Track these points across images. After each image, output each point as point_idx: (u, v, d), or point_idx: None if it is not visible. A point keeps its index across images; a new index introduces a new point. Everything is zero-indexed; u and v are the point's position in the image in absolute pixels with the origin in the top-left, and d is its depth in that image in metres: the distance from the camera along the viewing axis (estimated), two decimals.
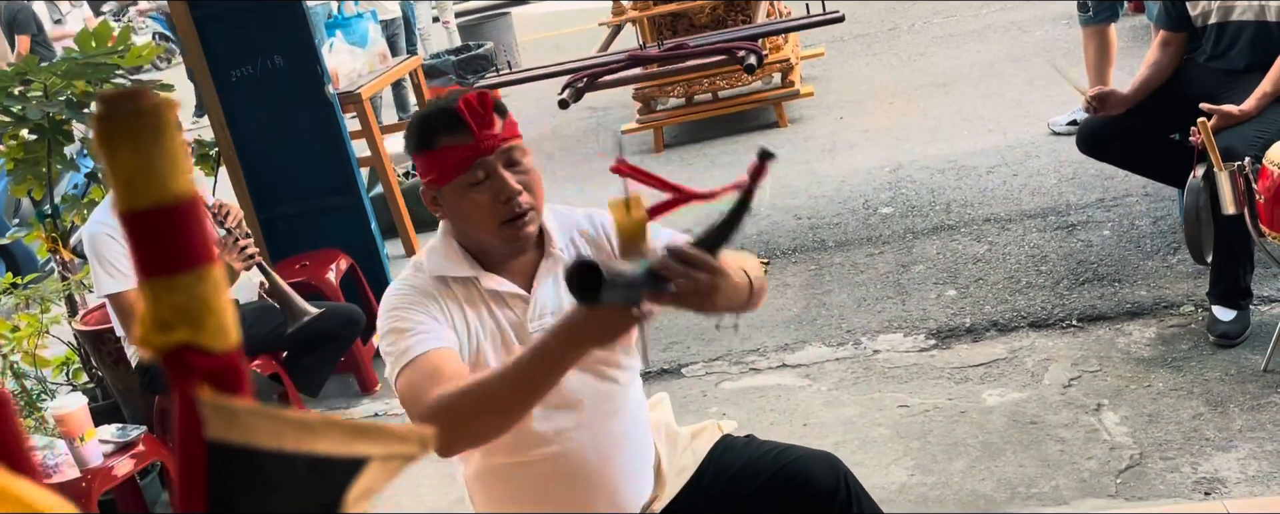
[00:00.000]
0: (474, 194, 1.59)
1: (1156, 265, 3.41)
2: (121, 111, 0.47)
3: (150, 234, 0.48)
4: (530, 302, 1.69)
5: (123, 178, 0.47)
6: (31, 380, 3.38)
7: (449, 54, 7.25)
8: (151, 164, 0.47)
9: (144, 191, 0.47)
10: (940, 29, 7.18)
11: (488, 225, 1.61)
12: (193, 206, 0.49)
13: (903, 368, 3.19)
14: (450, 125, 1.58)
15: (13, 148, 3.68)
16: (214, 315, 0.50)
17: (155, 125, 0.47)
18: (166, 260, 0.48)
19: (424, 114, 1.65)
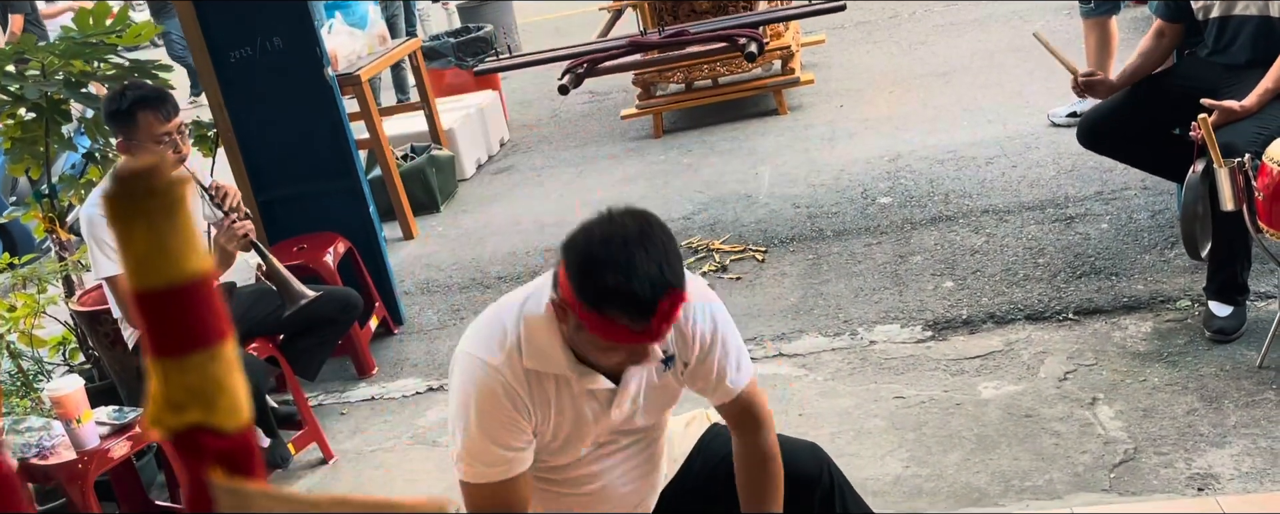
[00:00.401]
0: (612, 353, 1.57)
1: (1154, 259, 3.42)
2: (135, 190, 0.46)
3: (162, 314, 0.47)
4: (618, 394, 1.71)
5: (135, 256, 0.46)
6: (28, 360, 3.38)
7: (448, 36, 7.22)
8: (165, 243, 0.46)
9: (157, 271, 0.46)
10: (941, 17, 7.16)
11: (601, 359, 1.61)
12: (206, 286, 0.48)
13: (899, 359, 3.20)
14: (633, 315, 1.47)
15: (10, 127, 3.66)
16: (226, 395, 0.49)
17: (168, 204, 0.46)
18: (179, 340, 0.47)
19: (608, 287, 1.46)
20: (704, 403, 3.08)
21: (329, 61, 4.14)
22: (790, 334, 3.48)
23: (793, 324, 3.54)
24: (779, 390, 3.18)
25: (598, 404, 1.71)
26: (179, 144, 3.05)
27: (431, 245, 5.02)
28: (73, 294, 3.62)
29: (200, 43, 4.07)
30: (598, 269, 1.47)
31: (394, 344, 4.05)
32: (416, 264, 4.80)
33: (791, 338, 3.46)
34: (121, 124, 3.01)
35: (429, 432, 3.41)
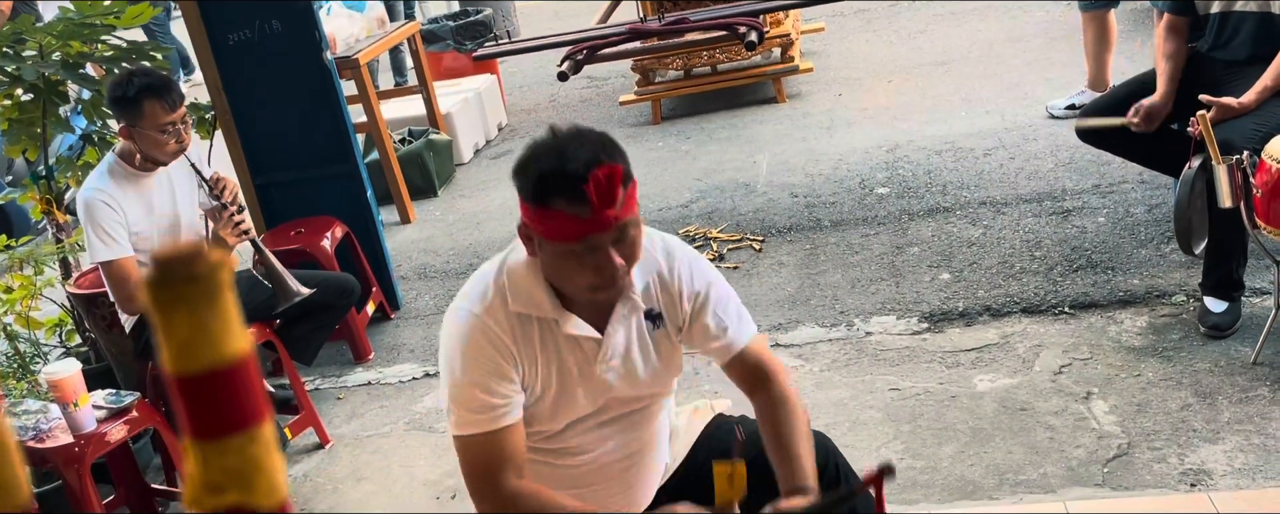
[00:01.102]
0: (576, 262, 1.56)
1: (1150, 254, 3.43)
2: (176, 277, 0.46)
3: (203, 398, 0.47)
4: (602, 345, 1.70)
5: (176, 342, 0.46)
6: (25, 342, 3.38)
7: (447, 19, 7.19)
8: (206, 328, 0.46)
9: (197, 356, 0.46)
10: (941, 6, 7.14)
11: (579, 288, 1.61)
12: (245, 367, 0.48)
13: (895, 351, 3.21)
14: (571, 195, 1.49)
15: (7, 108, 3.65)
16: (265, 476, 0.49)
17: (210, 291, 0.46)
18: (218, 423, 0.47)
19: (543, 171, 1.52)
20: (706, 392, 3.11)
21: (328, 45, 4.13)
22: (787, 324, 3.49)
23: (789, 314, 3.55)
24: None
25: (583, 357, 1.69)
26: (181, 134, 3.04)
27: (429, 230, 5.02)
28: (70, 276, 3.61)
29: (199, 25, 4.05)
30: (534, 164, 1.53)
31: (391, 329, 4.05)
32: (413, 249, 4.80)
33: (788, 328, 3.47)
34: (126, 111, 3.00)
35: (426, 417, 3.42)
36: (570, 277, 1.59)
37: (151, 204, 3.11)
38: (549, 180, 1.50)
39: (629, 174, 1.54)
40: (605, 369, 1.71)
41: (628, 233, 1.57)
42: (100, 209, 3.00)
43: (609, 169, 1.49)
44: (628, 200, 1.54)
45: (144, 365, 3.22)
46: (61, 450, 2.73)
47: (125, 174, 3.08)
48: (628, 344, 1.73)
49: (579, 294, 1.63)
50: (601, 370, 1.71)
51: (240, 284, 3.31)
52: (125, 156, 3.10)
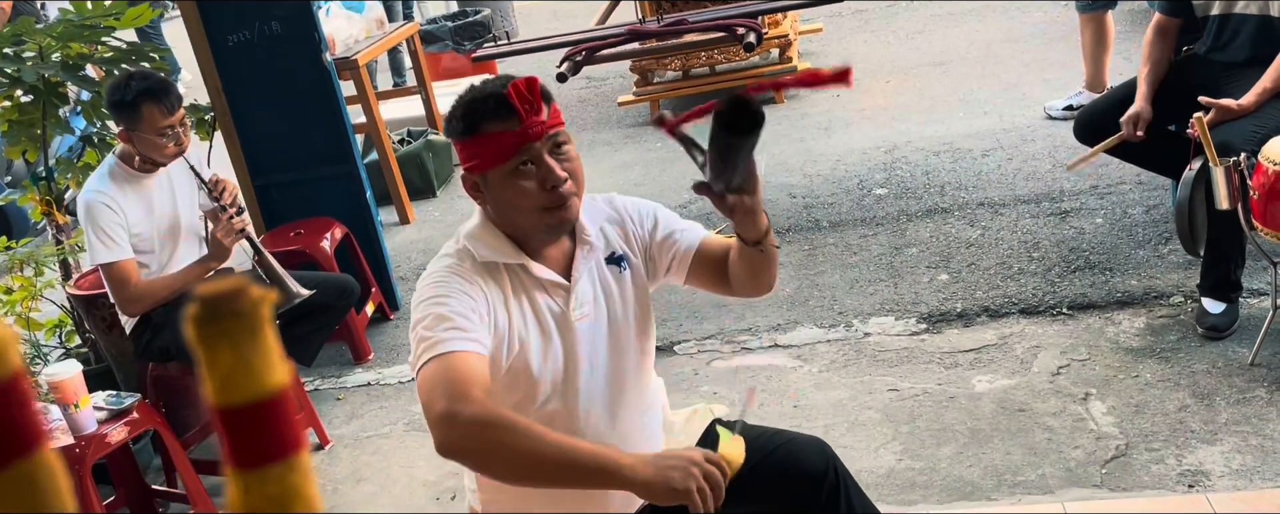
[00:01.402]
0: (519, 180, 1.60)
1: (1148, 255, 3.44)
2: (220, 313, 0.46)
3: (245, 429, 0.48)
4: (571, 291, 1.71)
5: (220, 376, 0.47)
6: (25, 344, 3.38)
7: (446, 20, 7.19)
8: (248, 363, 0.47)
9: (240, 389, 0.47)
10: (938, 7, 7.15)
11: (531, 210, 1.63)
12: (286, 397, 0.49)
13: (893, 351, 3.22)
14: (497, 111, 1.58)
15: (7, 110, 3.65)
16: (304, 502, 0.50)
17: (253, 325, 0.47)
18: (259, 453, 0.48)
19: (469, 99, 1.64)
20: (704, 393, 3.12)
21: (327, 46, 4.13)
22: (786, 325, 3.50)
23: (788, 315, 3.56)
24: (774, 381, 3.20)
25: (555, 303, 1.70)
26: (180, 137, 3.05)
27: (428, 230, 5.03)
28: (70, 278, 3.62)
29: (198, 27, 4.06)
30: (459, 106, 1.63)
31: (390, 330, 4.06)
32: (412, 249, 4.81)
33: (787, 329, 3.48)
34: (125, 115, 3.01)
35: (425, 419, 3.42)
36: (520, 201, 1.61)
37: (151, 206, 3.12)
38: (474, 106, 1.60)
39: (547, 91, 1.63)
40: (579, 315, 1.71)
41: (562, 144, 1.63)
42: (100, 211, 3.01)
43: (526, 80, 1.58)
44: (553, 113, 1.62)
45: (144, 366, 3.23)
46: (62, 452, 2.73)
47: (125, 176, 3.09)
48: (595, 289, 1.74)
49: (534, 223, 1.64)
50: (576, 316, 1.70)
51: None
52: (125, 159, 3.10)
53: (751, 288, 1.81)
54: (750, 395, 1.73)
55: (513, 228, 1.69)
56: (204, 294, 0.46)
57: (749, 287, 1.81)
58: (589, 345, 1.73)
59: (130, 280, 3.02)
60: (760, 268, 1.75)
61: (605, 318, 1.75)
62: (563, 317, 1.71)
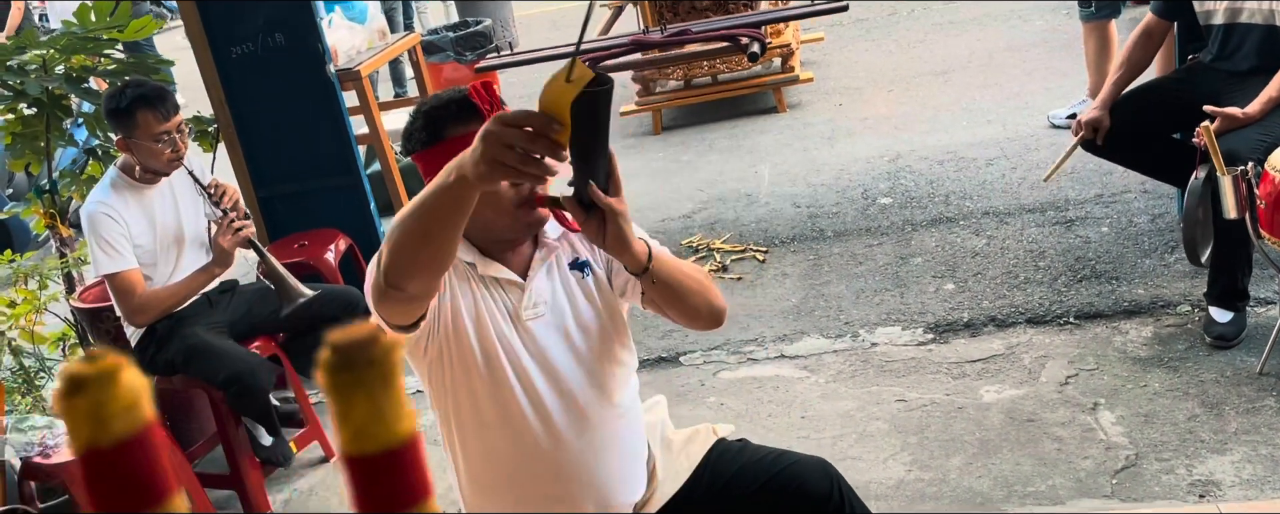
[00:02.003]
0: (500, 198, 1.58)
1: (1154, 264, 3.44)
2: (355, 362, 0.46)
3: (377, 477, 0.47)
4: (525, 290, 1.70)
5: (353, 427, 0.46)
6: (30, 357, 3.37)
7: (447, 30, 7.20)
8: (382, 411, 0.46)
9: (373, 438, 0.46)
10: (940, 15, 7.16)
11: (506, 210, 1.61)
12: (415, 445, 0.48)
13: (901, 361, 3.21)
14: (460, 114, 1.59)
15: (11, 122, 3.65)
16: None
17: (387, 373, 0.46)
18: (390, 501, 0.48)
19: (427, 109, 1.64)
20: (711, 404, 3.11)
21: (331, 58, 4.13)
22: (792, 335, 3.49)
23: (794, 325, 3.55)
24: (781, 392, 3.19)
25: (507, 299, 1.68)
26: (177, 143, 3.05)
27: None
28: (73, 290, 3.61)
29: (201, 38, 4.06)
30: (418, 117, 1.65)
31: None
32: None
33: (793, 339, 3.47)
34: (121, 122, 3.01)
35: (428, 431, 3.40)
36: (495, 200, 1.57)
37: (154, 216, 3.12)
38: (435, 113, 1.61)
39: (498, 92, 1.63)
40: (532, 315, 1.68)
41: None
42: (103, 221, 3.00)
43: (482, 82, 1.59)
44: None
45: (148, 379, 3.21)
46: (68, 468, 2.72)
47: (128, 186, 3.08)
48: (553, 292, 1.71)
49: (508, 223, 1.62)
50: (528, 316, 1.68)
51: (246, 297, 3.33)
52: (127, 169, 3.10)
53: (688, 322, 1.70)
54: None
55: (478, 229, 1.65)
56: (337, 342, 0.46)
57: (685, 321, 1.70)
58: (545, 343, 1.70)
59: (135, 290, 3.01)
60: (672, 300, 1.61)
61: (566, 320, 1.72)
62: (515, 312, 1.69)
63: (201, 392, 3.18)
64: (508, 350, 1.69)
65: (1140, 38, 3.23)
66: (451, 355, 1.68)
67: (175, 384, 3.18)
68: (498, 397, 1.70)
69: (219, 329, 3.14)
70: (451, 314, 1.66)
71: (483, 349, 1.68)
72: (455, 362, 1.69)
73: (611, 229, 1.45)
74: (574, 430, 1.74)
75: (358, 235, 4.09)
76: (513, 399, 1.70)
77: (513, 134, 1.23)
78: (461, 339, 1.67)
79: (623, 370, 1.80)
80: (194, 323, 3.10)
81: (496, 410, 1.71)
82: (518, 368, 1.70)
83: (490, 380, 1.70)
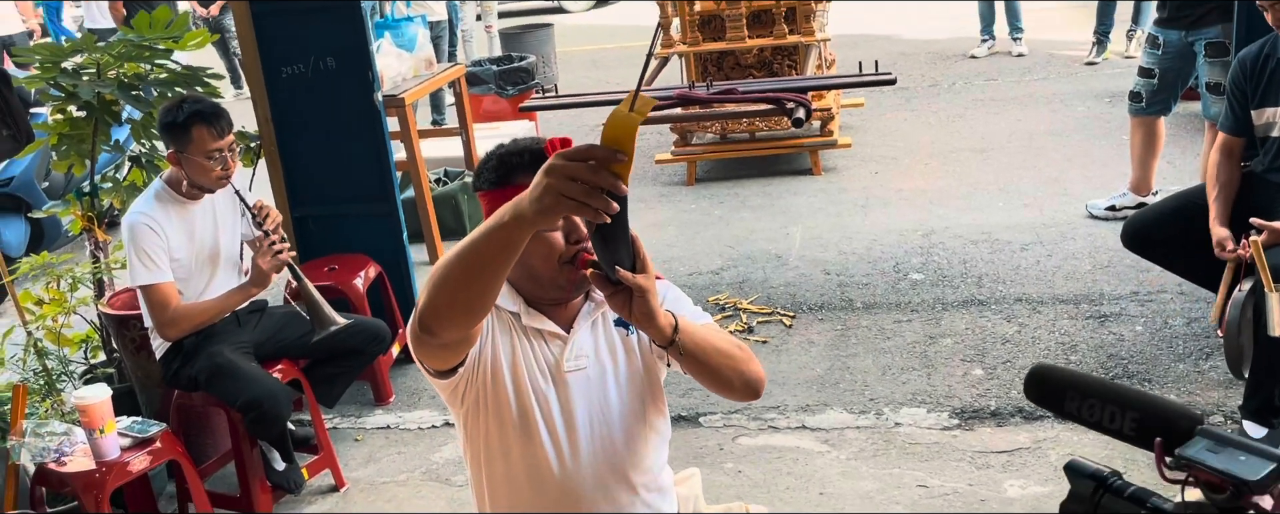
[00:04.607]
0: (547, 232, 1.61)
1: (1188, 369, 3.40)
2: None
3: None
4: (568, 342, 1.70)
5: None
6: (53, 360, 3.36)
7: (491, 63, 7.25)
8: None
9: None
10: (981, 92, 7.18)
11: (554, 263, 1.62)
12: None
13: (924, 445, 3.17)
14: (533, 164, 1.56)
15: (59, 123, 3.68)
16: None
17: None
18: None
19: (503, 153, 1.65)
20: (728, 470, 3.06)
21: (380, 86, 4.16)
22: (815, 406, 3.46)
23: (817, 396, 3.52)
24: (801, 465, 3.15)
25: (550, 351, 1.69)
26: (228, 161, 3.07)
27: None
28: (103, 295, 3.61)
29: (254, 56, 4.09)
30: (491, 158, 1.67)
31: (413, 372, 4.03)
32: None
33: (816, 411, 3.44)
34: (175, 136, 3.03)
35: (443, 468, 3.38)
36: (544, 254, 1.61)
37: (193, 231, 3.12)
38: (509, 158, 1.63)
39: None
40: (573, 366, 1.69)
41: None
42: (144, 233, 3.01)
43: (561, 138, 1.55)
44: None
45: (169, 393, 3.20)
46: (83, 476, 2.71)
47: (172, 200, 3.09)
48: (596, 346, 1.71)
49: (553, 277, 1.64)
50: (568, 367, 1.68)
51: (275, 319, 3.32)
52: (173, 183, 3.11)
53: (722, 392, 1.69)
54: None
55: (522, 282, 1.68)
56: None
57: (719, 391, 1.69)
58: (583, 398, 1.70)
59: (170, 303, 3.01)
60: (702, 371, 1.62)
61: (606, 376, 1.71)
62: (557, 364, 1.69)
63: (220, 410, 3.16)
64: (542, 405, 1.69)
65: (1222, 159, 3.19)
66: (487, 404, 1.68)
67: (194, 400, 3.17)
68: (528, 451, 1.70)
69: (245, 349, 3.14)
70: (491, 363, 1.67)
71: (518, 402, 1.68)
72: (490, 411, 1.69)
73: (638, 305, 1.46)
74: (600, 492, 1.73)
75: (388, 263, 4.08)
76: (543, 456, 1.70)
77: (577, 168, 1.21)
78: (499, 390, 1.67)
79: (655, 436, 1.79)
80: (221, 341, 3.10)
81: (525, 465, 1.71)
82: (550, 424, 1.70)
83: (522, 434, 1.69)
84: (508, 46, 8.16)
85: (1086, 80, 7.10)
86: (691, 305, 1.80)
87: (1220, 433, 1.02)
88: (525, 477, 1.72)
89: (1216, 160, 3.21)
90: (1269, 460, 0.96)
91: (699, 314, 1.78)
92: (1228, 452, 0.99)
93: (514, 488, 1.74)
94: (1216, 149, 3.24)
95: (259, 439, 3.12)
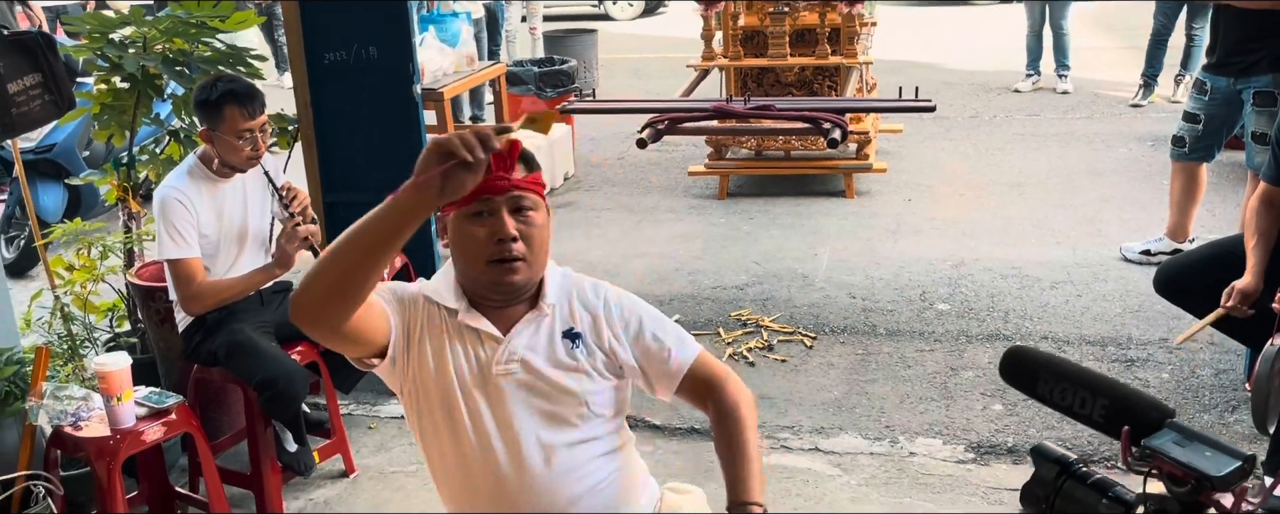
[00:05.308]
0: (472, 226, 1.64)
1: (1212, 420, 3.34)
2: None
3: None
4: (502, 343, 1.69)
5: None
6: (78, 325, 3.40)
7: (532, 64, 7.28)
8: None
9: None
10: (1021, 127, 7.13)
11: (477, 260, 1.65)
12: None
13: (938, 477, 3.14)
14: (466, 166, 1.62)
15: (102, 93, 3.72)
16: None
17: None
18: None
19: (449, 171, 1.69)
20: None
21: (420, 78, 4.18)
22: (829, 429, 3.43)
23: (833, 419, 3.49)
24: (811, 487, 3.12)
25: (483, 351, 1.69)
26: (258, 141, 3.09)
27: None
28: (132, 265, 3.64)
29: (298, 40, 4.12)
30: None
31: None
32: None
33: (830, 433, 3.41)
34: (208, 114, 3.05)
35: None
36: (468, 247, 1.65)
37: (222, 209, 3.15)
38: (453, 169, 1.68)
39: (530, 156, 1.69)
40: (502, 370, 1.68)
41: (526, 210, 1.65)
42: (174, 207, 3.03)
43: (508, 141, 1.65)
44: (530, 179, 1.67)
45: (188, 366, 3.22)
46: (97, 442, 2.72)
47: (203, 176, 3.12)
48: (532, 353, 1.70)
49: (479, 276, 1.66)
50: (498, 371, 1.67)
51: None
52: (205, 160, 3.14)
53: None
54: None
55: (466, 280, 1.71)
56: None
57: None
58: (510, 401, 1.68)
59: (194, 278, 3.03)
60: None
61: (538, 384, 1.69)
62: (487, 364, 1.68)
63: (237, 387, 3.18)
64: (469, 404, 1.69)
65: (1262, 208, 3.14)
66: (417, 395, 1.71)
67: (212, 375, 3.19)
68: (454, 447, 1.71)
69: (266, 329, 3.15)
70: (418, 357, 1.69)
71: (443, 398, 1.69)
72: (421, 402, 1.72)
73: None
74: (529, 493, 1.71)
75: (413, 255, 4.09)
76: (469, 452, 1.70)
77: (454, 135, 1.42)
78: (426, 385, 1.69)
79: (593, 446, 1.74)
80: (243, 319, 3.11)
81: (455, 459, 1.72)
82: (476, 423, 1.69)
83: (449, 430, 1.70)
84: (551, 49, 8.19)
85: (1130, 122, 7.04)
86: (670, 324, 1.78)
87: (1189, 429, 1.01)
88: (457, 469, 1.73)
89: (1256, 209, 3.15)
90: (1234, 458, 0.96)
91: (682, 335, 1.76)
92: (1194, 446, 0.99)
93: (450, 479, 1.76)
94: (1257, 198, 3.18)
95: (273, 419, 3.13)
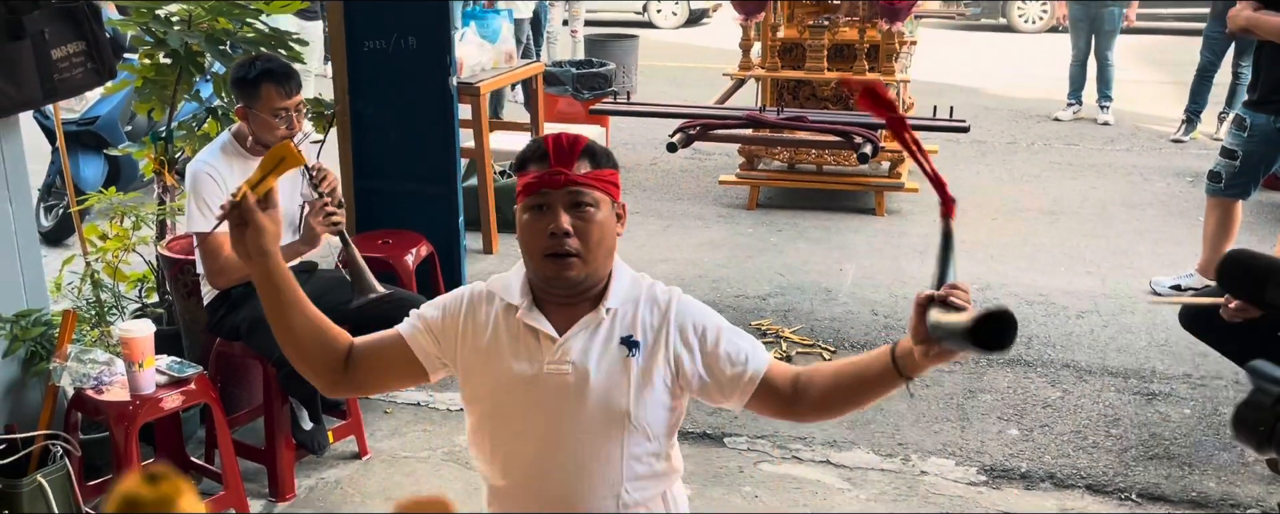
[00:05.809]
0: (530, 219, 1.65)
1: (1231, 459, 3.30)
2: None
3: None
4: (557, 344, 1.67)
5: None
6: (108, 292, 3.45)
7: (571, 65, 7.31)
8: None
9: None
10: (1059, 155, 7.07)
11: (535, 253, 1.65)
12: None
13: (948, 497, 3.11)
14: (536, 156, 1.67)
15: (145, 67, 3.78)
16: None
17: None
18: None
19: (526, 146, 1.73)
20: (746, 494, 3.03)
21: (456, 70, 4.21)
22: (842, 443, 3.42)
23: (846, 433, 3.48)
24: (819, 499, 3.11)
25: (538, 349, 1.67)
26: (293, 121, 3.12)
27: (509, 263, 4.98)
28: (163, 237, 3.69)
29: (340, 27, 4.18)
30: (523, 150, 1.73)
31: None
32: None
33: (843, 447, 3.39)
34: (244, 91, 3.09)
35: (465, 451, 3.39)
36: (527, 240, 1.67)
37: None
38: (526, 149, 1.72)
39: (599, 152, 1.69)
40: (553, 368, 1.65)
41: (584, 205, 1.64)
42: (205, 182, 3.07)
43: (572, 136, 1.66)
44: (593, 175, 1.65)
45: (211, 339, 3.26)
46: (116, 406, 2.76)
47: (236, 153, 3.16)
48: (586, 356, 1.66)
49: (536, 269, 1.67)
50: (549, 370, 1.65)
51: (322, 282, 3.36)
52: (239, 137, 3.17)
53: (832, 412, 1.77)
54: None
55: (530, 274, 1.71)
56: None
57: (831, 411, 1.75)
58: (557, 405, 1.66)
59: (221, 252, 3.07)
60: (870, 399, 1.76)
61: (589, 389, 1.66)
62: (540, 364, 1.67)
63: (257, 362, 3.21)
64: (517, 400, 1.68)
65: None
66: (469, 385, 1.72)
67: (234, 350, 3.23)
68: (502, 438, 1.72)
69: None
70: (466, 357, 1.70)
71: (493, 391, 1.69)
72: (473, 390, 1.72)
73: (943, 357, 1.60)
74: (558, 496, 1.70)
75: (441, 245, 4.13)
76: (512, 444, 1.71)
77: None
78: (477, 376, 1.70)
79: (632, 466, 1.71)
80: None
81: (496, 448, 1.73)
82: (521, 420, 1.69)
83: (500, 421, 1.71)
84: (591, 52, 8.23)
85: (1170, 157, 6.96)
86: (743, 335, 1.74)
87: None
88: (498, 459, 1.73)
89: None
90: None
91: (755, 344, 1.73)
92: None
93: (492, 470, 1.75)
94: None
95: (290, 395, 3.16)
